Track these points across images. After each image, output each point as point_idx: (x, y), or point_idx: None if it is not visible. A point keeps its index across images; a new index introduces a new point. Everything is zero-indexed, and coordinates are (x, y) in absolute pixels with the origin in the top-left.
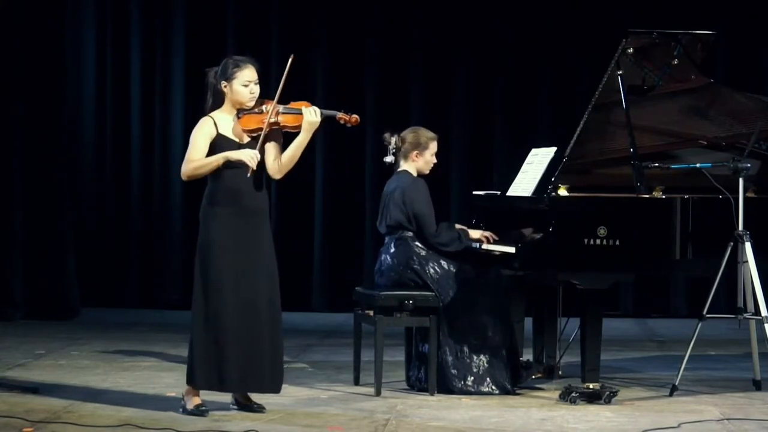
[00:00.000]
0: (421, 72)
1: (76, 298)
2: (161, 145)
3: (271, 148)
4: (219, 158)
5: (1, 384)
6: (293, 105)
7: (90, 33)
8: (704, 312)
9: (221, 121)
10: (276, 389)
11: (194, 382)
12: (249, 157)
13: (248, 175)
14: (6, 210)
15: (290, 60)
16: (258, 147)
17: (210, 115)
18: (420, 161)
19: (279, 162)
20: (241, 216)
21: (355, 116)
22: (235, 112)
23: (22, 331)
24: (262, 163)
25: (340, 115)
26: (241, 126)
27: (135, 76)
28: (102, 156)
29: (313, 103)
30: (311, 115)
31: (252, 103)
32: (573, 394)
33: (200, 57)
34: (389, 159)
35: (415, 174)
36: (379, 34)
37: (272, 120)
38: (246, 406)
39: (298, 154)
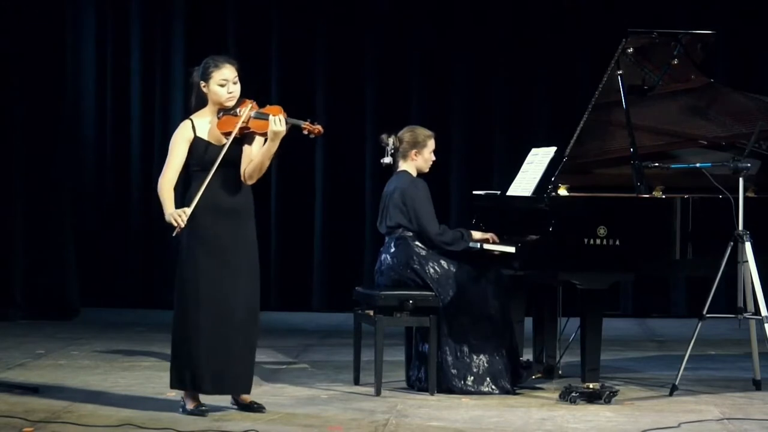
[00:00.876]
0: (421, 72)
1: (76, 298)
2: (161, 145)
3: (247, 150)
4: (165, 207)
5: (1, 384)
6: (266, 110)
7: (90, 33)
8: (704, 312)
9: (200, 123)
10: (246, 390)
11: (170, 382)
12: (172, 218)
13: (173, 234)
14: (6, 210)
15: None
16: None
17: (190, 117)
18: (419, 160)
19: (249, 167)
20: (219, 217)
21: (318, 127)
22: (216, 112)
23: (22, 331)
24: (237, 163)
25: (305, 124)
26: (217, 128)
27: (135, 76)
28: (102, 156)
29: (313, 104)
30: (276, 125)
31: (231, 103)
32: (573, 394)
33: (200, 57)
34: (387, 160)
35: (414, 174)
36: (378, 34)
37: (242, 124)
38: (246, 406)
39: (267, 162)
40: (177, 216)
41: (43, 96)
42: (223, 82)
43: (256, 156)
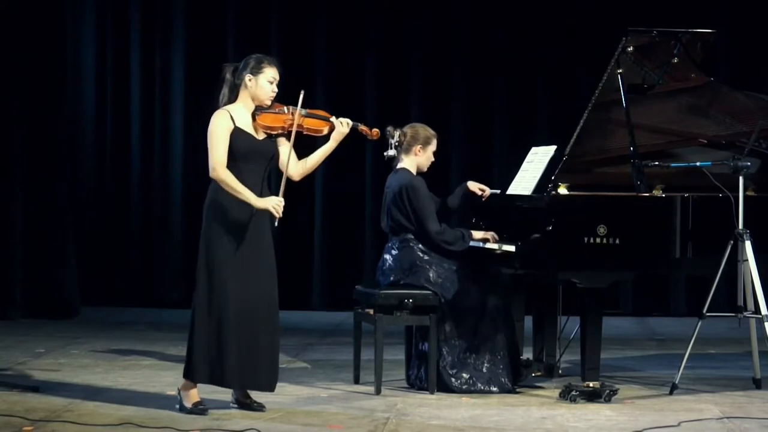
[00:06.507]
0: (421, 71)
1: (77, 297)
2: (161, 146)
3: (285, 149)
4: (246, 198)
5: (1, 383)
6: (317, 111)
7: (90, 33)
8: (704, 311)
9: (237, 114)
10: (271, 388)
11: (193, 376)
12: (273, 205)
13: (275, 224)
14: (6, 209)
15: (301, 96)
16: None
17: (226, 108)
18: (422, 156)
19: (303, 165)
20: (244, 212)
21: (376, 130)
22: (251, 108)
23: (22, 330)
24: (269, 164)
25: (362, 127)
26: (260, 122)
27: (135, 76)
28: (102, 156)
29: (313, 103)
30: (343, 126)
31: (270, 102)
32: (573, 393)
33: (200, 57)
34: (391, 152)
35: (414, 171)
36: (379, 32)
37: (298, 122)
38: (246, 404)
39: (322, 161)
40: (277, 204)
41: (43, 96)
42: (272, 79)
43: (314, 155)
